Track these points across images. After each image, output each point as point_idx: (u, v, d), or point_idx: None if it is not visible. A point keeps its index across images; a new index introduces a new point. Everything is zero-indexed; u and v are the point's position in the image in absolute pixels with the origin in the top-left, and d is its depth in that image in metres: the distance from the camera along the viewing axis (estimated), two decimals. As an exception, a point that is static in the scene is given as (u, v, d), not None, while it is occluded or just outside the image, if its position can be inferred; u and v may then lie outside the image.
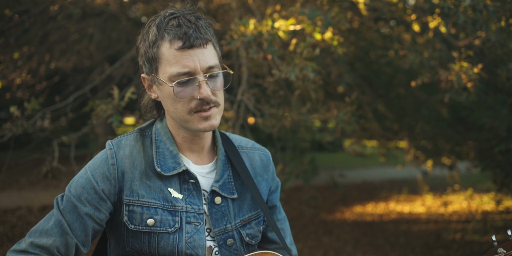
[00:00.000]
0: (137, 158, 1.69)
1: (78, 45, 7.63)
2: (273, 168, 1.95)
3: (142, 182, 1.66)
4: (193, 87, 1.58)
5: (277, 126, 4.04)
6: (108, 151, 1.69)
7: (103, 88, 8.17)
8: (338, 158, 17.73)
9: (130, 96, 3.30)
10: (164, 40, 1.58)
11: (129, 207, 1.64)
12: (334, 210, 10.15)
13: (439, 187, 11.79)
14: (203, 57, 1.58)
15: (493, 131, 4.96)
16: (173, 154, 1.71)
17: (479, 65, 3.69)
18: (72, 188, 1.65)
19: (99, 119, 3.58)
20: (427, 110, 6.24)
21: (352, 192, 12.01)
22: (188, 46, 1.55)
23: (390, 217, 9.49)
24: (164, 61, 1.58)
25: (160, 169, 1.66)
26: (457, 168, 8.50)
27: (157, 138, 1.74)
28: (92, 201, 1.62)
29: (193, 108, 1.60)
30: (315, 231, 8.22)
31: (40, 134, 4.47)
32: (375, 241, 7.67)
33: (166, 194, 1.67)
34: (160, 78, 1.61)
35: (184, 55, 1.56)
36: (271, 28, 3.28)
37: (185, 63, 1.55)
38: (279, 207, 1.95)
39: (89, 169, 1.67)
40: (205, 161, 1.78)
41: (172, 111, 1.64)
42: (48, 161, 4.01)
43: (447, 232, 8.14)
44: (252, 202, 1.80)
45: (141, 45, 1.66)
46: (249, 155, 1.89)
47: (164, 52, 1.58)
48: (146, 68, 1.66)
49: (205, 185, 1.74)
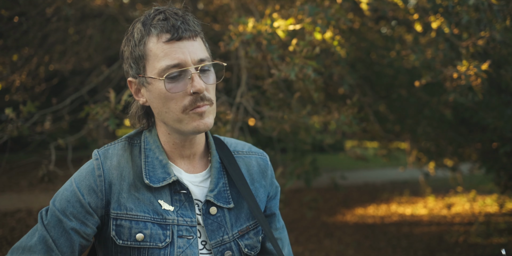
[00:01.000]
0: (125, 169, 1.59)
1: (77, 46, 7.60)
2: (272, 172, 1.84)
3: (130, 194, 1.56)
4: (185, 81, 1.48)
5: (277, 129, 3.98)
6: (95, 161, 1.59)
7: (101, 90, 8.14)
8: (338, 160, 17.64)
9: (127, 99, 3.23)
10: (151, 35, 1.48)
11: (116, 221, 1.54)
12: (335, 212, 10.09)
13: (441, 188, 11.73)
14: (193, 49, 1.48)
15: (498, 132, 4.89)
16: (162, 164, 1.60)
17: (487, 61, 3.60)
18: (57, 202, 1.55)
19: (95, 123, 3.52)
20: (430, 111, 6.17)
21: (353, 194, 11.95)
22: (176, 38, 1.45)
23: (392, 219, 9.43)
24: (152, 57, 1.48)
25: (148, 181, 1.56)
26: (460, 170, 8.44)
27: (146, 146, 1.64)
28: (78, 215, 1.52)
29: (187, 105, 1.48)
30: (316, 234, 8.16)
31: (37, 137, 4.41)
32: (377, 244, 7.61)
33: (156, 206, 1.57)
34: (149, 75, 1.51)
35: (173, 47, 1.46)
36: (270, 27, 3.22)
37: (174, 55, 1.45)
38: (278, 215, 1.85)
39: (75, 181, 1.57)
40: (198, 169, 1.68)
41: (165, 112, 1.52)
42: (45, 165, 3.95)
43: (449, 234, 8.08)
44: (250, 211, 1.70)
45: (126, 48, 1.56)
46: (245, 160, 1.79)
47: (151, 47, 1.48)
48: (133, 70, 1.55)
49: (198, 195, 1.63)
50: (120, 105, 3.30)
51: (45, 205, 6.55)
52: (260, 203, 1.75)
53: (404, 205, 10.87)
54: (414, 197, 11.76)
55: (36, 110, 3.67)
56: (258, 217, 1.66)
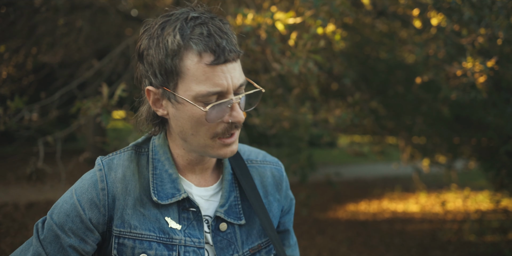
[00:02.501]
0: (130, 182, 1.45)
1: (66, 38, 7.41)
2: (287, 184, 1.70)
3: (135, 210, 1.42)
4: (223, 109, 1.32)
5: (275, 127, 3.87)
6: (98, 172, 1.44)
7: (91, 84, 7.97)
8: (329, 155, 17.62)
9: (121, 94, 3.08)
10: (190, 51, 1.28)
11: (119, 240, 1.40)
12: (327, 209, 10.02)
13: (432, 185, 11.71)
14: (235, 73, 1.31)
15: (498, 130, 4.81)
16: (172, 178, 1.46)
17: (493, 58, 3.50)
18: (55, 215, 1.41)
19: (87, 118, 3.38)
20: (428, 108, 6.09)
21: (345, 189, 11.89)
22: (222, 61, 1.27)
23: (384, 216, 9.38)
24: (190, 77, 1.29)
25: (156, 197, 1.43)
26: (454, 167, 8.41)
27: (154, 156, 1.49)
28: (77, 232, 1.38)
29: (219, 133, 1.35)
30: (308, 231, 8.08)
31: (25, 132, 4.25)
32: (369, 241, 7.55)
33: (163, 224, 1.43)
34: (181, 95, 1.32)
35: (216, 71, 1.27)
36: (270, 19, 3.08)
37: (217, 81, 1.28)
38: (291, 231, 1.73)
39: (75, 193, 1.43)
40: (209, 182, 1.54)
41: (191, 134, 1.37)
42: (33, 162, 3.80)
43: (442, 232, 8.05)
44: (262, 227, 1.57)
45: (151, 52, 1.33)
46: (259, 171, 1.64)
47: (189, 66, 1.28)
48: (158, 80, 1.35)
49: (208, 210, 1.50)
50: (114, 100, 3.14)
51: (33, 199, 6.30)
52: (273, 218, 1.62)
53: (395, 201, 10.84)
54: (406, 193, 11.74)
55: (24, 105, 3.51)
56: (271, 235, 1.53)
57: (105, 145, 3.85)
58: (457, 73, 3.56)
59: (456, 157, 7.89)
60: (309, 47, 3.03)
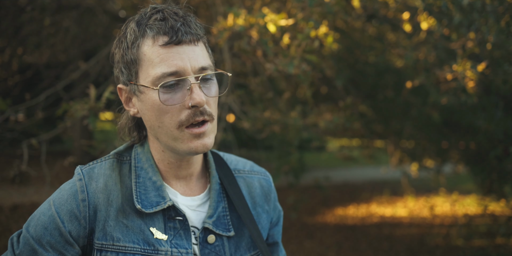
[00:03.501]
0: (112, 192, 1.37)
1: (52, 39, 7.30)
2: (275, 195, 1.65)
3: (118, 221, 1.34)
4: (183, 92, 1.27)
5: (266, 131, 3.81)
6: (78, 182, 1.36)
7: (77, 86, 7.87)
8: (318, 158, 17.61)
9: (109, 96, 3.01)
10: (146, 36, 1.28)
11: (101, 253, 1.32)
12: (315, 212, 9.98)
13: (420, 188, 11.73)
14: (194, 55, 1.27)
15: (488, 134, 4.80)
16: (156, 186, 1.39)
17: (483, 62, 3.49)
18: (32, 228, 1.33)
19: (73, 121, 3.30)
20: (417, 112, 6.08)
21: (333, 193, 11.85)
22: (175, 42, 1.25)
23: (372, 220, 9.36)
24: (146, 62, 1.28)
25: (140, 206, 1.35)
26: (443, 171, 8.42)
27: (137, 164, 1.42)
28: (56, 245, 1.30)
29: (184, 120, 1.28)
30: (296, 235, 8.03)
31: (9, 134, 4.15)
32: (358, 245, 7.52)
33: (148, 235, 1.35)
34: (142, 84, 1.30)
35: (171, 52, 1.25)
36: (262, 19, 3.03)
37: (172, 62, 1.25)
38: (280, 244, 1.67)
39: (54, 205, 1.34)
40: (195, 191, 1.47)
41: (158, 126, 1.32)
42: (16, 165, 3.70)
43: (430, 236, 8.04)
44: (251, 239, 1.50)
45: (117, 50, 1.35)
46: (247, 181, 1.58)
47: (145, 51, 1.27)
48: (124, 76, 1.34)
49: (195, 221, 1.43)
50: (101, 102, 3.06)
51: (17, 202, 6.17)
52: (262, 230, 1.55)
53: (384, 205, 10.83)
54: (394, 197, 11.74)
55: (8, 107, 3.42)
56: (261, 247, 1.47)
57: (91, 148, 3.77)
58: (448, 77, 3.54)
59: (445, 161, 7.90)
60: (304, 47, 2.99)
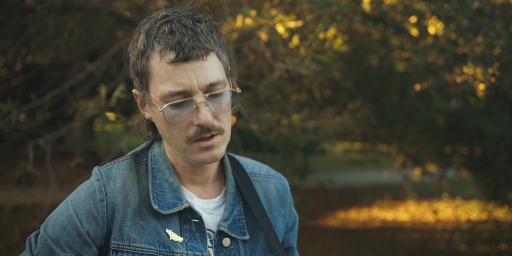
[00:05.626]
0: (130, 192, 1.36)
1: (56, 39, 7.30)
2: (291, 199, 1.63)
3: (134, 222, 1.34)
4: (189, 110, 1.25)
5: (273, 133, 3.80)
6: (96, 182, 1.36)
7: (82, 86, 7.86)
8: (320, 162, 17.57)
9: (119, 95, 2.97)
10: (154, 50, 1.25)
11: (117, 253, 1.31)
12: (317, 216, 9.95)
13: (422, 193, 11.71)
14: (201, 72, 1.23)
15: (495, 139, 4.78)
16: (173, 187, 1.39)
17: (495, 64, 3.46)
18: (50, 228, 1.32)
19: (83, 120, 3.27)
20: (422, 117, 6.06)
21: (335, 197, 11.83)
22: (182, 59, 1.21)
23: (374, 224, 9.34)
24: (155, 77, 1.25)
25: (157, 206, 1.34)
26: (446, 176, 8.40)
27: (154, 166, 1.42)
28: (73, 246, 1.29)
29: (192, 136, 1.27)
30: (298, 238, 7.97)
31: (14, 135, 4.13)
32: (360, 250, 7.49)
33: (163, 237, 1.34)
34: (152, 97, 1.29)
35: (178, 70, 1.22)
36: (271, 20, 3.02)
37: (179, 80, 1.22)
38: (295, 249, 1.65)
39: (72, 205, 1.33)
40: (211, 194, 1.46)
41: (168, 137, 1.32)
42: (22, 165, 3.68)
43: (432, 241, 8.01)
44: (267, 243, 1.49)
45: (131, 55, 1.33)
46: (263, 185, 1.57)
47: (154, 65, 1.25)
48: (137, 83, 1.34)
49: (211, 224, 1.41)
50: (112, 101, 3.03)
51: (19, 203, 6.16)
52: (278, 234, 1.54)
53: (386, 209, 10.80)
54: (395, 201, 11.71)
55: (15, 108, 3.40)
56: (277, 251, 1.45)
57: (98, 148, 3.75)
58: (457, 80, 3.52)
59: (448, 166, 7.88)
60: (315, 47, 2.98)
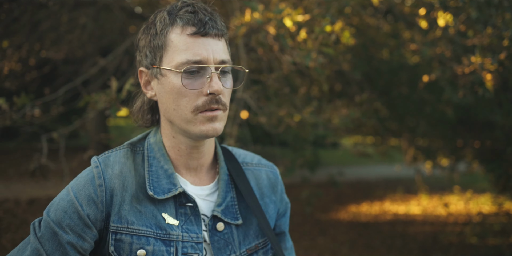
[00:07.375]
0: (127, 178, 1.45)
1: (69, 35, 7.40)
2: (282, 187, 1.72)
3: (132, 206, 1.42)
4: (202, 79, 1.37)
5: (282, 126, 3.84)
6: (94, 169, 1.44)
7: (95, 81, 7.95)
8: (332, 155, 17.58)
9: (130, 88, 3.05)
10: (175, 25, 1.38)
11: (116, 236, 1.39)
12: (329, 209, 9.99)
13: (434, 186, 11.68)
14: (217, 48, 1.38)
15: (505, 130, 4.78)
16: (167, 174, 1.47)
17: (503, 52, 3.46)
18: (52, 212, 1.39)
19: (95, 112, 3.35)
20: (432, 109, 6.06)
21: (347, 190, 11.85)
22: (202, 33, 1.36)
23: (386, 218, 9.35)
24: (172, 48, 1.37)
25: (152, 192, 1.43)
26: (457, 169, 8.38)
27: (149, 154, 1.51)
28: (75, 228, 1.37)
29: (200, 105, 1.37)
30: (310, 231, 8.06)
31: (28, 128, 4.22)
32: (371, 243, 7.52)
33: (160, 220, 1.43)
34: (165, 67, 1.39)
35: (197, 42, 1.36)
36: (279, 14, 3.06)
37: (197, 51, 1.35)
38: (287, 234, 1.74)
39: (72, 190, 1.41)
40: (204, 182, 1.55)
41: (173, 109, 1.40)
42: (36, 158, 3.77)
43: (444, 234, 8.02)
44: (259, 228, 1.57)
45: (143, 36, 1.45)
46: (254, 173, 1.66)
47: (173, 38, 1.37)
48: (147, 59, 1.44)
49: (205, 209, 1.50)
50: (123, 94, 3.11)
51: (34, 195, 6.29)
52: (269, 219, 1.63)
53: (397, 202, 10.80)
54: (408, 194, 11.70)
55: (29, 101, 3.49)
56: (269, 235, 1.54)
57: (111, 141, 3.83)
58: (465, 70, 3.53)
59: (459, 159, 7.86)
60: (321, 40, 3.02)
